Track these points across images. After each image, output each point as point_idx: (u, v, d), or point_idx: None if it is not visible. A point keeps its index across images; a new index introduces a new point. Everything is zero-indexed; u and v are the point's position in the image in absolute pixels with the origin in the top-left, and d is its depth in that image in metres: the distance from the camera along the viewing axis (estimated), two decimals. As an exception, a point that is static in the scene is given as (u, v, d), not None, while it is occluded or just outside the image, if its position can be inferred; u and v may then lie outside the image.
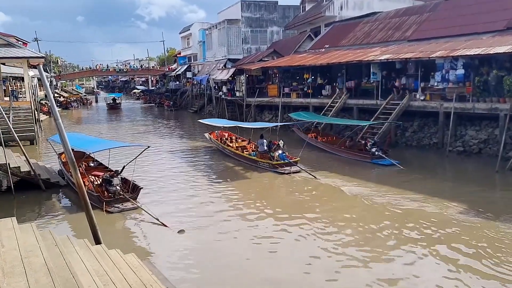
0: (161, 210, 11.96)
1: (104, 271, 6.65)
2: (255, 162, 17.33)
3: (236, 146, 20.01)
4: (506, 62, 17.41)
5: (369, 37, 27.29)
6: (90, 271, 6.45)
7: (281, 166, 16.17)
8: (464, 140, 18.32)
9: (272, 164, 16.31)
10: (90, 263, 6.80)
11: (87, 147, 14.17)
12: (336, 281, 7.97)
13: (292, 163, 16.20)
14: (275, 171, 16.13)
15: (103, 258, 7.26)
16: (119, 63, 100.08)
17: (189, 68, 54.48)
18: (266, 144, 17.54)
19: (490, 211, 11.09)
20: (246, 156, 18.10)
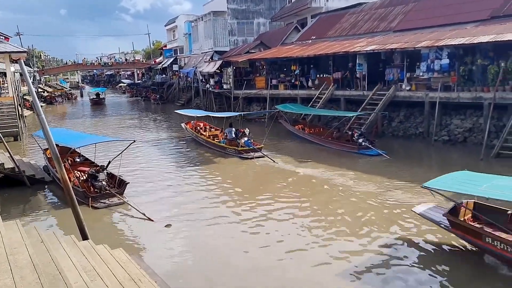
0: (148, 204, 11.93)
1: (91, 266, 6.60)
2: (223, 149, 18.75)
3: (208, 135, 21.32)
4: (489, 51, 17.59)
5: (355, 28, 27.33)
6: (77, 267, 6.40)
7: (246, 152, 17.68)
8: (449, 129, 18.53)
9: (238, 150, 17.78)
10: (77, 259, 6.74)
11: (72, 142, 13.97)
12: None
13: (256, 149, 17.67)
14: (240, 156, 17.60)
15: (90, 254, 7.20)
16: (104, 56, 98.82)
17: (175, 60, 53.99)
18: (234, 132, 19.04)
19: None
20: (215, 144, 19.51)
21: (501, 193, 7.39)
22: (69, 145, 13.97)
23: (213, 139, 20.34)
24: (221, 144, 19.05)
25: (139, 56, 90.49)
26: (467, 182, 8.23)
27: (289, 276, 7.84)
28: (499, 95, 16.50)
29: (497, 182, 8.09)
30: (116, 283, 6.14)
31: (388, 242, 8.98)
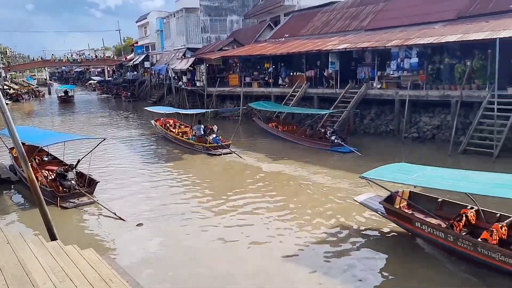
0: (119, 203, 11.78)
1: (60, 267, 6.43)
2: (192, 146, 18.95)
3: (177, 132, 21.47)
4: (457, 50, 18.11)
5: (328, 27, 27.62)
6: (45, 268, 6.23)
7: (214, 149, 17.92)
8: (418, 126, 18.98)
9: (206, 147, 18.03)
10: (45, 260, 6.56)
11: (39, 141, 13.56)
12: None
13: (224, 146, 17.87)
14: (209, 153, 17.81)
15: (59, 255, 7.02)
16: (73, 53, 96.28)
17: (147, 57, 53.18)
18: (203, 129, 19.37)
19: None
20: (184, 140, 19.77)
21: (426, 181, 8.36)
22: (36, 144, 13.57)
23: (182, 136, 20.57)
24: (190, 141, 19.30)
25: (109, 53, 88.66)
26: (400, 172, 9.01)
27: (259, 269, 8.02)
28: (466, 93, 17.02)
29: (427, 172, 8.90)
30: (86, 284, 6.00)
31: (340, 231, 9.61)
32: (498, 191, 7.43)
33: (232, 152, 17.65)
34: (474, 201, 8.45)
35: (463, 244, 7.58)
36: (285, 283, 7.60)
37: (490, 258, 7.17)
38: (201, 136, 19.04)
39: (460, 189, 7.90)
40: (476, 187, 7.71)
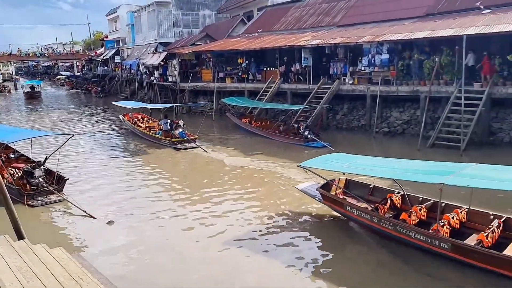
0: (89, 201, 11.59)
1: (28, 267, 6.25)
2: (158, 140, 19.14)
3: (145, 126, 21.65)
4: (425, 46, 18.55)
5: (300, 22, 27.75)
6: (12, 268, 6.05)
7: (180, 143, 18.16)
8: (389, 121, 19.36)
9: (172, 141, 18.29)
10: (12, 259, 6.37)
11: (5, 137, 13.12)
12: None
13: (190, 140, 18.13)
14: (175, 147, 18.05)
15: (27, 254, 6.82)
16: (40, 47, 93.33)
17: (117, 52, 52.08)
18: (169, 123, 19.56)
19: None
20: (151, 135, 19.92)
21: (354, 168, 9.28)
22: (1, 141, 13.11)
23: (149, 130, 20.74)
24: (157, 136, 19.47)
25: (78, 47, 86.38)
26: (335, 161, 9.92)
27: (216, 256, 8.43)
28: (434, 89, 17.47)
29: (359, 160, 9.90)
30: (55, 283, 5.85)
31: (287, 217, 10.28)
32: (414, 176, 8.30)
33: (197, 146, 17.94)
34: (401, 187, 9.47)
35: (385, 225, 8.40)
36: (239, 267, 8.11)
37: (408, 236, 8.01)
38: (167, 131, 19.25)
39: (381, 174, 9.07)
40: (394, 173, 8.83)
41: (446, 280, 7.22)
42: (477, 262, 7.14)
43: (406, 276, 7.45)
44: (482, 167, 8.37)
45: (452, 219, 8.08)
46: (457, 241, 7.47)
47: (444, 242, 7.50)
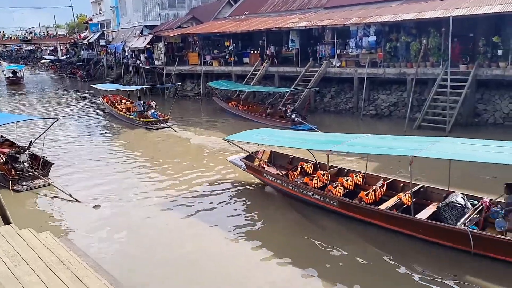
0: (74, 185, 11.59)
1: (15, 251, 6.23)
2: (133, 121, 20.07)
3: (122, 108, 22.46)
4: (412, 28, 18.55)
5: (288, 4, 27.51)
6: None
7: (151, 123, 19.05)
8: (376, 104, 19.45)
9: (144, 122, 19.23)
10: (-2, 244, 6.31)
11: None
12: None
13: (162, 121, 19.02)
14: (147, 127, 18.97)
15: (14, 239, 6.78)
16: (22, 30, 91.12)
17: (102, 35, 51.03)
18: (142, 105, 20.33)
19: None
20: (126, 116, 20.81)
21: (269, 140, 10.76)
22: None
23: (125, 112, 21.55)
24: (131, 117, 20.38)
25: (62, 31, 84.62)
26: (256, 135, 11.33)
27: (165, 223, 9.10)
28: (421, 71, 17.55)
29: (277, 134, 11.56)
30: (43, 267, 5.83)
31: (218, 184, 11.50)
32: (311, 145, 10.09)
33: (168, 127, 18.84)
34: (313, 156, 10.91)
35: (292, 187, 9.88)
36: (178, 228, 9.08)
37: (308, 196, 9.46)
38: (141, 112, 20.07)
39: (288, 144, 10.63)
40: (299, 143, 10.43)
41: (335, 231, 8.62)
42: (356, 215, 8.55)
43: (306, 226, 8.86)
44: (375, 136, 9.91)
45: (346, 182, 9.57)
46: (342, 198, 8.88)
47: (333, 200, 8.91)
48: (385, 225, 8.10)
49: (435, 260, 7.17)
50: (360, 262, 7.27)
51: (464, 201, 8.02)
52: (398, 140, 9.54)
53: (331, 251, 7.73)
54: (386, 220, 8.08)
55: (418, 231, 7.67)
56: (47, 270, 5.78)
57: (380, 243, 7.86)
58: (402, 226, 7.89)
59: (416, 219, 7.75)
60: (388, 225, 8.06)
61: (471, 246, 7.00)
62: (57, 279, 5.55)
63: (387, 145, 9.09)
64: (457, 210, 7.78)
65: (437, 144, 8.48)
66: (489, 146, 8.26)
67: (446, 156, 7.86)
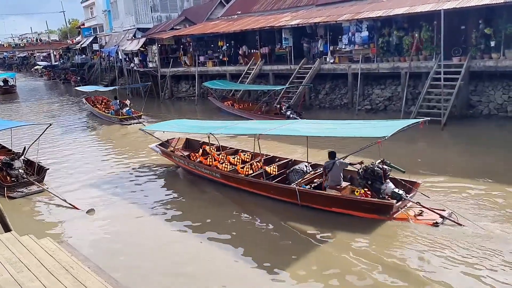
0: (69, 190, 11.74)
1: (17, 258, 6.25)
2: (110, 118, 21.96)
3: (101, 107, 24.55)
4: (404, 23, 18.62)
5: (280, 2, 27.54)
6: (0, 260, 6.03)
7: (126, 120, 20.88)
8: (371, 98, 19.54)
9: (119, 118, 21.02)
10: (0, 252, 6.34)
11: None
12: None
13: (135, 117, 21.07)
14: (121, 124, 20.70)
15: (15, 246, 6.80)
16: (14, 37, 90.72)
17: (95, 40, 50.93)
18: (118, 103, 22.40)
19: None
20: (105, 114, 22.76)
21: (176, 128, 13.12)
22: None
23: (104, 111, 23.54)
24: (108, 115, 22.28)
25: (54, 36, 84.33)
26: (167, 125, 13.68)
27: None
28: (414, 64, 17.64)
29: (186, 123, 13.90)
30: (46, 272, 5.86)
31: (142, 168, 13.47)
32: (199, 129, 12.26)
33: (140, 122, 20.36)
34: (217, 140, 12.84)
35: (191, 165, 11.98)
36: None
37: (202, 172, 11.60)
38: (117, 110, 22.01)
39: (187, 130, 12.99)
40: (191, 129, 12.80)
41: (215, 196, 10.77)
42: (231, 183, 10.75)
43: (201, 194, 11.00)
44: (261, 122, 12.55)
45: (232, 159, 11.74)
46: (222, 171, 11.05)
47: (216, 173, 11.13)
48: (250, 189, 10.30)
49: (280, 211, 9.35)
50: (230, 215, 9.47)
51: (306, 168, 10.39)
52: (264, 123, 12.13)
53: (207, 208, 10.03)
54: (250, 186, 10.30)
55: (270, 192, 9.84)
56: (49, 276, 5.81)
57: (247, 202, 10.10)
58: (260, 189, 10.06)
59: (265, 182, 9.95)
60: (252, 189, 10.27)
61: (298, 200, 9.16)
62: (60, 284, 5.58)
63: (252, 127, 11.70)
64: (298, 174, 10.11)
65: (287, 125, 10.89)
66: (331, 124, 11.17)
67: (284, 132, 10.45)
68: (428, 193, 9.30)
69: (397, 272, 6.74)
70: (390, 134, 7.94)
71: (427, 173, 10.87)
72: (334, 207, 8.82)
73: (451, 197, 9.37)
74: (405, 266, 6.89)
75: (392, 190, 8.55)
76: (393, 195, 8.50)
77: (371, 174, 8.70)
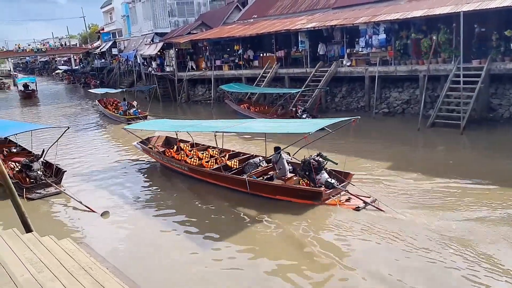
0: (84, 190, 11.98)
1: (38, 258, 6.37)
2: (119, 118, 23.55)
3: (112, 109, 26.01)
4: (422, 25, 18.42)
5: (296, 6, 27.56)
6: (22, 260, 6.17)
7: (133, 120, 22.11)
8: (388, 102, 19.36)
9: (127, 118, 22.57)
10: (21, 252, 6.49)
11: (0, 132, 13.18)
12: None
13: (141, 117, 22.60)
14: (128, 123, 20.93)
15: (36, 246, 6.94)
16: (36, 42, 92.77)
17: (114, 44, 51.77)
18: (126, 104, 24.18)
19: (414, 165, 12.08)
20: (114, 115, 24.36)
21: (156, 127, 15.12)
22: None
23: (114, 111, 25.01)
24: (117, 115, 23.87)
25: (75, 41, 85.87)
26: (149, 125, 16.22)
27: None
28: (433, 67, 17.41)
29: (167, 123, 15.01)
30: (65, 273, 5.97)
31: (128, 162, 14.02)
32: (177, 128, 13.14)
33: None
34: (191, 137, 14.06)
35: (165, 160, 13.19)
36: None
37: (174, 165, 12.81)
38: (125, 111, 23.71)
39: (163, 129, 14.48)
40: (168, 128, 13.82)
41: (182, 187, 11.91)
42: (196, 175, 11.92)
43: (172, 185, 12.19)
44: (230, 121, 13.21)
45: (201, 154, 13.03)
46: (190, 165, 12.32)
47: (184, 166, 12.39)
48: (212, 181, 11.42)
49: (233, 199, 10.46)
50: (194, 204, 10.62)
51: (259, 161, 11.58)
52: (225, 122, 12.82)
53: (173, 196, 11.37)
54: (211, 177, 11.42)
55: (227, 182, 10.99)
56: (69, 276, 5.92)
57: (206, 192, 11.30)
58: (219, 180, 11.20)
59: (223, 174, 11.13)
60: (213, 180, 11.37)
61: (247, 188, 10.32)
62: (79, 285, 5.68)
63: (213, 125, 12.63)
64: (252, 167, 11.33)
65: (242, 124, 12.24)
66: (276, 122, 12.78)
67: (236, 130, 12.29)
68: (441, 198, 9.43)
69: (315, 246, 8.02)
70: (315, 131, 9.48)
71: (443, 177, 10.75)
72: (278, 194, 10.03)
73: (463, 201, 9.30)
74: (322, 240, 8.24)
75: (326, 180, 9.84)
76: (326, 183, 9.79)
77: (308, 166, 9.95)
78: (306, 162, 10.04)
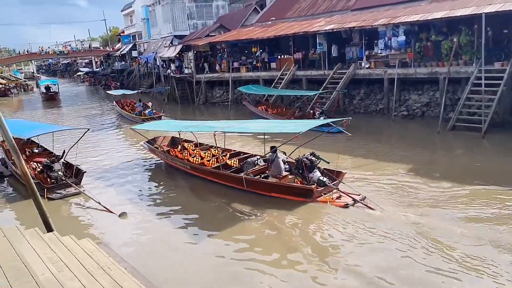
0: (102, 190, 12.22)
1: (58, 257, 6.51)
2: (134, 118, 24.16)
3: (128, 109, 26.88)
4: (443, 27, 18.16)
5: (314, 8, 27.47)
6: (43, 259, 6.30)
7: (148, 120, 22.51)
8: (408, 104, 19.12)
9: (142, 119, 23.24)
10: (42, 251, 6.63)
11: (24, 133, 13.46)
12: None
13: (155, 118, 23.24)
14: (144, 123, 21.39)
15: (57, 245, 7.09)
16: (59, 45, 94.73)
17: (134, 47, 52.55)
18: (141, 105, 25.16)
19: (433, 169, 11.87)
20: (131, 115, 25.09)
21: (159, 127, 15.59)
22: (19, 136, 13.49)
23: (131, 112, 25.89)
24: (134, 116, 24.46)
25: (96, 43, 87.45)
26: (155, 125, 16.84)
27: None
28: (453, 70, 17.13)
29: (171, 123, 16.16)
30: (85, 273, 6.09)
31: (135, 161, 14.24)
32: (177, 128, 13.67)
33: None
34: (196, 137, 14.53)
35: (170, 159, 13.70)
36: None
37: (177, 164, 13.34)
38: (141, 111, 24.56)
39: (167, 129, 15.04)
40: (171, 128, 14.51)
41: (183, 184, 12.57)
42: (197, 173, 12.50)
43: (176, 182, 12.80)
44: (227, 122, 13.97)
45: (203, 153, 13.52)
46: (191, 163, 12.83)
47: (187, 164, 12.91)
48: (212, 178, 11.92)
49: (230, 195, 10.99)
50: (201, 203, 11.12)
51: (256, 159, 12.02)
52: (226, 123, 13.33)
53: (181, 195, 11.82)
54: (211, 175, 11.93)
55: (226, 180, 11.50)
56: (88, 276, 6.03)
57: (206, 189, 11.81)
58: (218, 178, 11.70)
59: (222, 172, 11.61)
60: (213, 178, 11.88)
61: (244, 186, 10.80)
62: (98, 285, 5.79)
63: (213, 125, 12.93)
64: (250, 166, 11.70)
65: (242, 124, 12.58)
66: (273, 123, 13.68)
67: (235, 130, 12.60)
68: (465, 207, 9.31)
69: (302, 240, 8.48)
70: (305, 130, 10.13)
71: (458, 181, 10.57)
72: (273, 192, 10.48)
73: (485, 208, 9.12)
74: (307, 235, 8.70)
75: (318, 178, 10.32)
76: (318, 182, 10.25)
77: (300, 164, 10.46)
78: (299, 161, 10.55)
